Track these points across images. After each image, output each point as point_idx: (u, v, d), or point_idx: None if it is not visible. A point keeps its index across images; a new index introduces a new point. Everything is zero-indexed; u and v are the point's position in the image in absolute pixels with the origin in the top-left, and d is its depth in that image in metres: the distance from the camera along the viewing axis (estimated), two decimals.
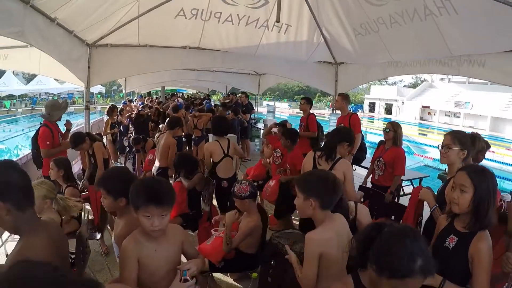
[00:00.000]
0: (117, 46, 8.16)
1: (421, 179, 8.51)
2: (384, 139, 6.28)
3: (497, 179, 2.93)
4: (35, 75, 49.40)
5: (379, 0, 6.68)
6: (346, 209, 3.44)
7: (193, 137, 12.21)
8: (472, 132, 4.58)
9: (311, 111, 8.56)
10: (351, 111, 8.04)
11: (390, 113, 52.41)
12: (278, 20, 6.62)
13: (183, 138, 11.61)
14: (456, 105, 44.26)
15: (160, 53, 8.67)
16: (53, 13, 5.77)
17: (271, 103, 42.29)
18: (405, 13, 6.46)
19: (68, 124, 7.23)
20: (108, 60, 8.11)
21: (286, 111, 48.09)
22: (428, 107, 47.84)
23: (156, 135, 9.34)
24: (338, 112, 8.21)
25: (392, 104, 53.63)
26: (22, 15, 4.91)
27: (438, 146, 3.86)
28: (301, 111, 8.67)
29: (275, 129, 7.65)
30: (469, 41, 6.12)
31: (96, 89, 44.08)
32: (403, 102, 51.69)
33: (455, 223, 2.88)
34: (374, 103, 55.52)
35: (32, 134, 6.79)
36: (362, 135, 7.81)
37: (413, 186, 8.25)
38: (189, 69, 15.59)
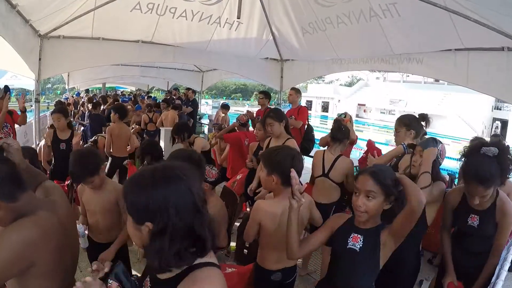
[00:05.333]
0: (69, 38, 8.12)
1: None
2: None
3: None
4: None
5: (328, 2, 7.04)
6: None
7: (145, 131, 11.95)
8: (421, 113, 5.10)
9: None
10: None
11: (327, 111, 53.51)
12: (239, 17, 6.88)
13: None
14: (391, 102, 45.80)
15: (113, 47, 8.70)
16: None
17: (210, 101, 42.36)
18: (351, 14, 6.89)
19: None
20: (59, 52, 8.04)
21: None
22: (364, 104, 49.16)
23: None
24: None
25: (328, 102, 54.77)
26: None
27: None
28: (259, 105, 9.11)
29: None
30: (409, 41, 6.69)
31: (31, 86, 42.79)
32: (339, 100, 52.88)
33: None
34: (311, 101, 56.40)
35: None
36: (311, 126, 8.24)
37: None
38: (134, 65, 15.64)
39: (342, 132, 5.17)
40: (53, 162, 6.70)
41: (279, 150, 3.38)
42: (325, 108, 55.20)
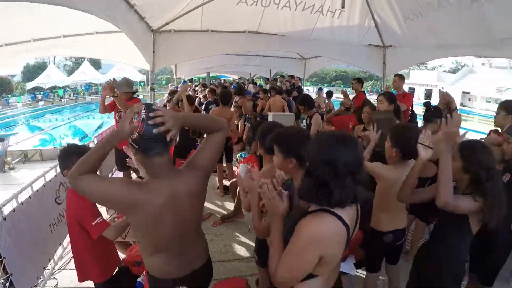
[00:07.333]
0: (179, 31, 8.64)
1: None
2: None
3: None
4: (76, 67, 51.63)
5: None
6: None
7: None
8: None
9: None
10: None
11: (430, 99, 51.39)
12: (343, 6, 7.06)
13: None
14: (498, 91, 42.98)
15: (221, 38, 9.12)
16: None
17: (311, 88, 42.48)
18: None
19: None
20: (170, 45, 8.58)
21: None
22: (469, 93, 46.93)
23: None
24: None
25: (431, 90, 52.78)
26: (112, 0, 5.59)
27: None
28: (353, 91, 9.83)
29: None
30: None
31: (136, 78, 45.49)
32: (443, 88, 50.73)
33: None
34: (413, 89, 54.56)
35: (76, 123, 7.37)
36: (415, 113, 8.34)
37: None
38: (238, 54, 16.07)
39: (431, 112, 5.60)
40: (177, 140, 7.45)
41: (407, 128, 3.84)
42: (428, 96, 53.05)
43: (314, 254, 2.13)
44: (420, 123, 8.01)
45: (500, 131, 4.78)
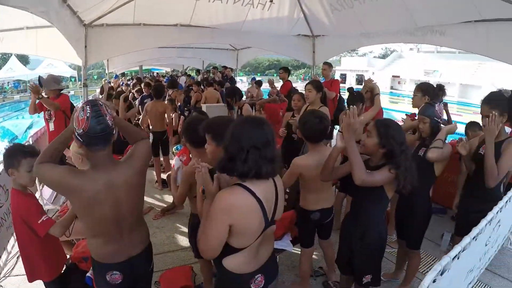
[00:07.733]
0: (112, 25, 8.55)
1: None
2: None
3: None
4: (3, 64, 48.51)
5: None
6: None
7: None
8: (439, 84, 6.04)
9: None
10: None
11: (361, 84, 51.98)
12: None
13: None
14: (426, 73, 44.29)
15: (153, 31, 9.14)
16: None
17: (244, 78, 42.67)
18: None
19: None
20: (103, 39, 8.47)
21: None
22: (398, 76, 48.25)
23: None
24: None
25: (363, 75, 53.72)
26: None
27: None
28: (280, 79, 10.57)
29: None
30: (431, 14, 6.98)
31: (67, 73, 44.25)
32: (373, 73, 51.89)
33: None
34: (345, 75, 55.66)
35: (5, 124, 7.16)
36: (343, 98, 8.74)
37: None
38: (170, 47, 16.01)
39: (353, 96, 6.00)
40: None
41: (308, 113, 4.25)
42: (359, 81, 54.04)
43: (224, 223, 2.40)
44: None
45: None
